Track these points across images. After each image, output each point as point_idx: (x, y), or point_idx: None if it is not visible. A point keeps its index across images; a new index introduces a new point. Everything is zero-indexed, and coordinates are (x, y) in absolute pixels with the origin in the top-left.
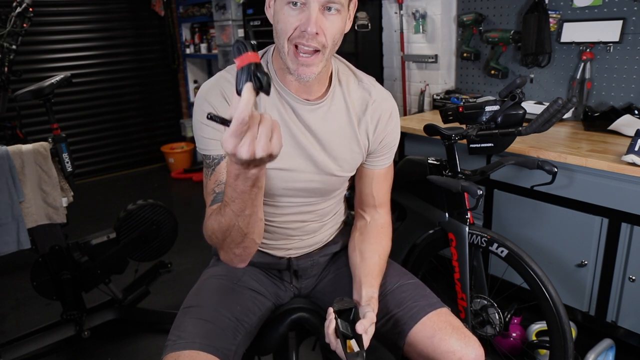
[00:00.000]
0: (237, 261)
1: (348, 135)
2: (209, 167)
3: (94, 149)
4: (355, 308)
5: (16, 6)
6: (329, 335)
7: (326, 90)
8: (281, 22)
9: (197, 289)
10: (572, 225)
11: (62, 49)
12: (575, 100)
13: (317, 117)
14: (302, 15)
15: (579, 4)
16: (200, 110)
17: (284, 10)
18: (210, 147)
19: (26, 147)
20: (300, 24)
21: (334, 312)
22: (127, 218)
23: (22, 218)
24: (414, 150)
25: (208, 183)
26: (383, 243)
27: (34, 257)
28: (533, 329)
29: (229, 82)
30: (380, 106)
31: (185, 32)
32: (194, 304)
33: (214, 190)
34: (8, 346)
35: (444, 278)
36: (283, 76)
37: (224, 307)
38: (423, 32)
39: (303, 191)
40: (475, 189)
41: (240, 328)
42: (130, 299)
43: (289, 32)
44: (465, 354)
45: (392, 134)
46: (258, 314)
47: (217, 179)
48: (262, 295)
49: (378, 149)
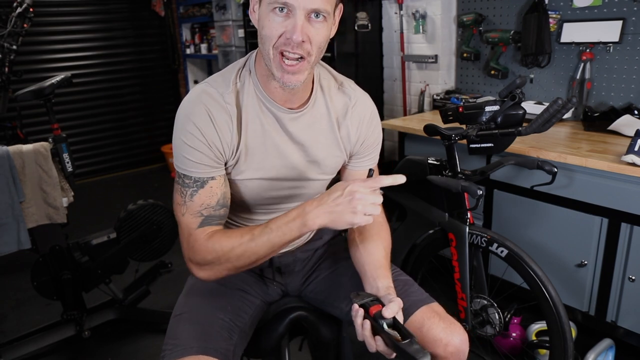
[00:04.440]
0: (222, 275)
1: (330, 140)
2: (187, 186)
3: (94, 149)
4: (377, 298)
5: (17, 6)
6: (365, 336)
7: (308, 97)
8: (266, 28)
9: (185, 296)
10: (572, 225)
11: (62, 49)
12: (575, 100)
13: (299, 125)
14: (288, 22)
15: (578, 4)
16: (184, 130)
17: (269, 16)
18: (193, 169)
19: (27, 147)
20: (285, 30)
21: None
22: (127, 218)
23: (22, 218)
24: (414, 150)
25: (190, 204)
26: (386, 237)
27: (34, 257)
28: (533, 329)
29: (214, 99)
30: (360, 109)
31: (185, 33)
32: (185, 310)
33: (201, 213)
34: (8, 346)
35: (444, 278)
36: (266, 83)
37: (215, 308)
38: (423, 32)
39: (287, 198)
40: (475, 189)
41: (234, 328)
42: (130, 299)
43: (273, 38)
44: (450, 340)
45: (374, 134)
46: (250, 313)
47: (204, 201)
48: (250, 294)
49: (361, 150)
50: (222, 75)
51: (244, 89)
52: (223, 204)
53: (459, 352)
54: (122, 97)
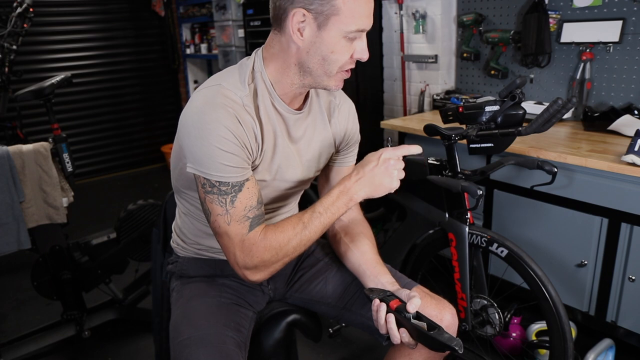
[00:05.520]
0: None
1: (324, 136)
2: (225, 194)
3: (94, 149)
4: (392, 294)
5: (17, 6)
6: (391, 329)
7: (305, 98)
8: (338, 54)
9: (184, 318)
10: (572, 225)
11: (62, 49)
12: (575, 100)
13: (300, 127)
14: (356, 44)
15: (578, 4)
16: (217, 136)
17: (342, 42)
18: (232, 174)
19: (27, 147)
20: (354, 52)
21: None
22: (127, 218)
23: (22, 218)
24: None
25: (233, 210)
26: (370, 233)
27: (34, 257)
28: (533, 329)
29: (236, 103)
30: (345, 107)
31: (185, 33)
32: (192, 333)
33: (247, 216)
34: (8, 346)
35: (444, 278)
36: (281, 87)
37: (223, 327)
38: (423, 32)
39: (284, 198)
40: (475, 189)
41: (241, 344)
42: (130, 299)
43: (345, 59)
44: (443, 316)
45: (356, 129)
46: (246, 326)
47: (246, 204)
48: (244, 307)
49: (347, 146)
50: (233, 74)
51: (258, 91)
52: (261, 201)
53: (452, 326)
54: (122, 97)
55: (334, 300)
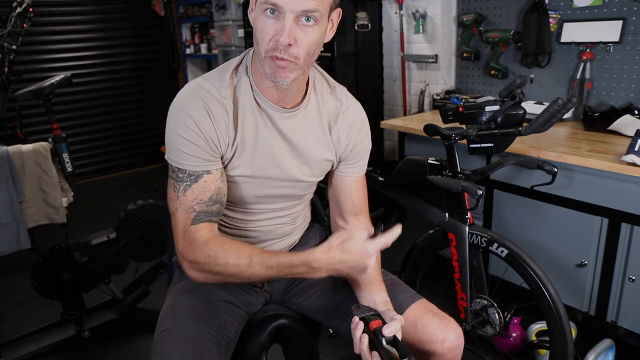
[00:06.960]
0: (211, 281)
1: (321, 142)
2: (181, 180)
3: (94, 149)
4: (378, 313)
5: (16, 6)
6: (362, 350)
7: (302, 98)
8: (259, 30)
9: (170, 310)
10: (572, 225)
11: (62, 49)
12: (575, 100)
13: (291, 125)
14: (278, 25)
15: (579, 4)
16: (180, 123)
17: (261, 17)
18: (189, 162)
19: (26, 147)
20: (275, 33)
21: (360, 320)
22: (127, 218)
23: (22, 218)
24: (414, 150)
25: (183, 198)
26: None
27: (34, 257)
28: (533, 329)
29: (211, 94)
30: (351, 115)
31: (185, 32)
32: (172, 325)
33: (193, 208)
34: (8, 346)
35: (444, 278)
36: (261, 82)
37: (203, 323)
38: (423, 32)
39: (275, 197)
40: (475, 189)
41: (222, 342)
42: (130, 299)
43: (265, 41)
44: (446, 336)
45: (364, 142)
46: (235, 325)
47: (197, 196)
48: (236, 306)
49: (350, 157)
50: (219, 70)
51: (240, 84)
52: (216, 200)
53: (456, 348)
54: (122, 97)
55: (330, 310)
